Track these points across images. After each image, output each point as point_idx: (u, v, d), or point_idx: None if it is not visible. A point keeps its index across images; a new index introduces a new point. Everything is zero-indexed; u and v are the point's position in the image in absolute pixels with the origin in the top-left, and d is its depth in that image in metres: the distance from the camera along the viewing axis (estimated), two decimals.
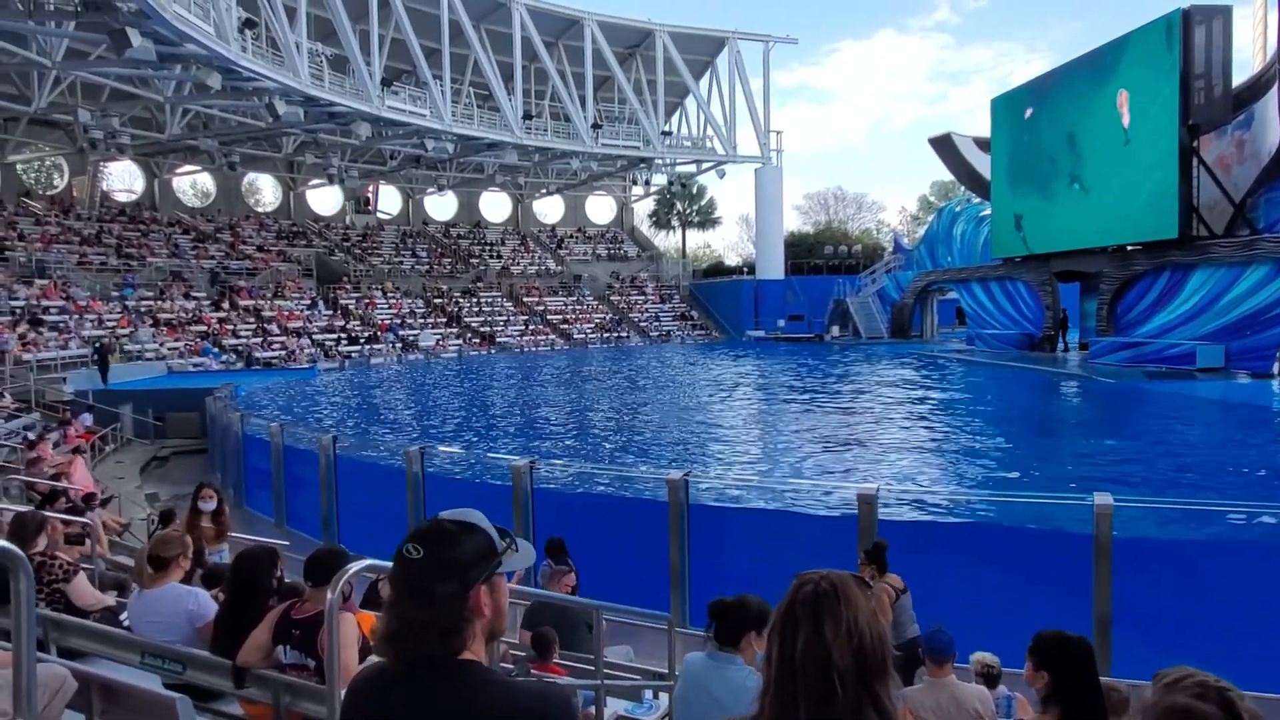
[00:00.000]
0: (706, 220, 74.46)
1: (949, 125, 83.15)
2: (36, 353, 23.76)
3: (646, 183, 54.70)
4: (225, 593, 4.06)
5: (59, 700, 2.89)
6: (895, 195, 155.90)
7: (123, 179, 45.95)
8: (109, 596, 5.07)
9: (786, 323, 48.56)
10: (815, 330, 47.36)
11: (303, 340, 35.84)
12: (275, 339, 35.11)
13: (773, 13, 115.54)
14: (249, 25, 27.09)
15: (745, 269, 57.50)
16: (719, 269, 64.82)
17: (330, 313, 40.22)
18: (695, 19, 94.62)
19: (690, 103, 52.74)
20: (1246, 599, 6.17)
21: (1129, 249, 26.93)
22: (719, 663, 3.01)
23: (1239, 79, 23.80)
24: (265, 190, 54.74)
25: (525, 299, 49.53)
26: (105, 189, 42.68)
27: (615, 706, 4.74)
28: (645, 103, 47.98)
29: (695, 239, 78.37)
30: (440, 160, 46.09)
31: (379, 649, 1.60)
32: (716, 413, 20.64)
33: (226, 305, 36.16)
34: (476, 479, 11.16)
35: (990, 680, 4.50)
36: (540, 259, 55.99)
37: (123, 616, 4.44)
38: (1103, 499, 6.11)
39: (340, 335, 38.05)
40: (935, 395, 23.10)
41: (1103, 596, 5.96)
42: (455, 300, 46.56)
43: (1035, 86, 31.78)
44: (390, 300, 43.85)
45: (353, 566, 2.74)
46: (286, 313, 37.62)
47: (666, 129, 51.28)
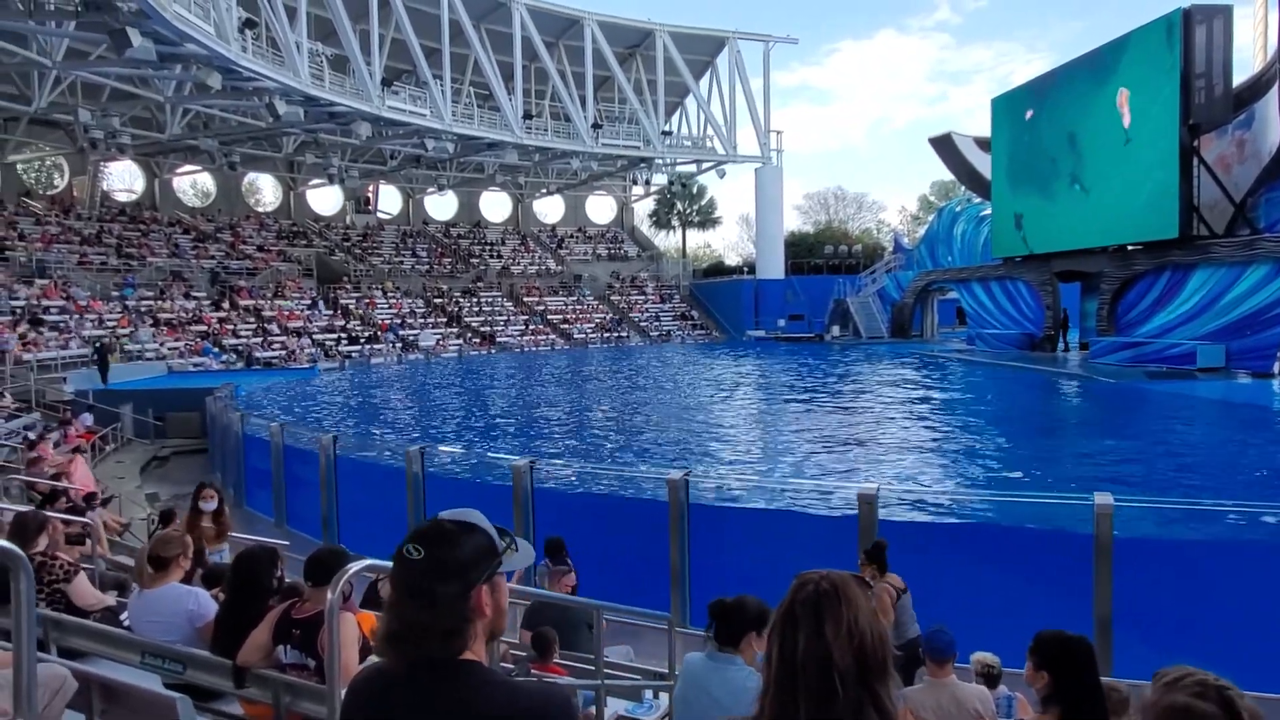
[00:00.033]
0: (707, 220, 74.45)
1: (949, 125, 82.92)
2: (37, 353, 23.77)
3: (647, 183, 54.73)
4: (225, 593, 4.06)
5: (59, 700, 2.89)
6: (895, 195, 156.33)
7: (123, 179, 46.05)
8: (109, 596, 5.06)
9: (787, 322, 48.54)
10: (815, 330, 47.34)
11: (303, 340, 35.84)
12: (275, 339, 35.12)
13: (773, 13, 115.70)
14: (249, 25, 27.10)
15: (745, 269, 57.48)
16: (719, 269, 64.78)
17: (330, 313, 40.23)
18: (695, 19, 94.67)
19: (690, 103, 52.75)
20: (1247, 599, 6.17)
21: (1129, 249, 26.93)
22: (719, 663, 3.01)
23: (1239, 78, 23.80)
24: (265, 190, 54.79)
25: (525, 299, 49.52)
26: (105, 189, 42.69)
27: (615, 706, 4.74)
28: (645, 103, 47.98)
29: (695, 239, 78.53)
30: (440, 160, 46.10)
31: (380, 650, 1.59)
32: (717, 412, 20.64)
33: (227, 305, 36.17)
34: (477, 479, 11.15)
35: (991, 680, 4.50)
36: (540, 259, 55.98)
37: (123, 616, 4.44)
38: (1103, 499, 6.10)
39: (340, 335, 38.05)
40: (936, 395, 23.10)
41: (1103, 596, 5.96)
42: (455, 300, 46.55)
43: (1036, 86, 31.77)
44: (390, 300, 43.85)
45: (353, 566, 2.74)
46: (287, 312, 37.62)
47: (666, 129, 51.27)
